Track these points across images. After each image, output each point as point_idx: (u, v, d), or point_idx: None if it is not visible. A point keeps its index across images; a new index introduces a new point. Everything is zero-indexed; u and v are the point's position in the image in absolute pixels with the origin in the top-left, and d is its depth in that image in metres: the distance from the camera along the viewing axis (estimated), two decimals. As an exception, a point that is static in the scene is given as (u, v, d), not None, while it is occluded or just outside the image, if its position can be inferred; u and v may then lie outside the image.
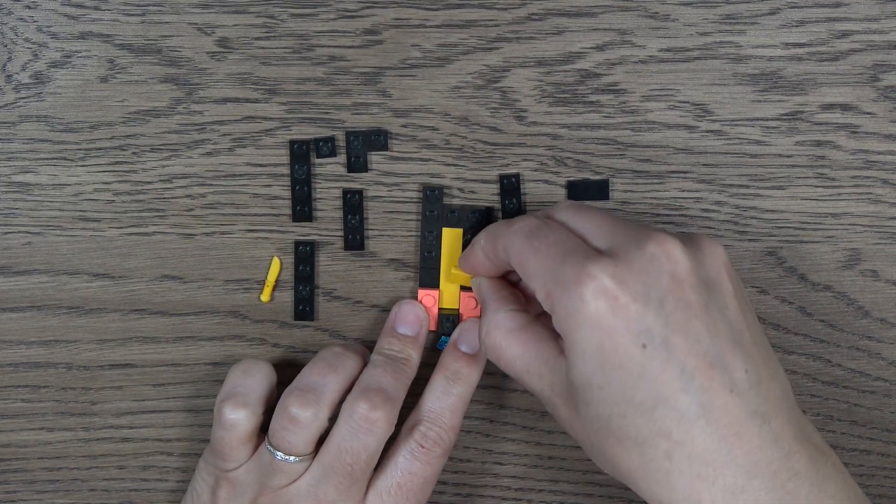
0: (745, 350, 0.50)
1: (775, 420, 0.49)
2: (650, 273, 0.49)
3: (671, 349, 0.49)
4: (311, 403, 0.55)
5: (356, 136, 0.60)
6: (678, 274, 0.50)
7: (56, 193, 0.60)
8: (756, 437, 0.49)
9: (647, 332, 0.49)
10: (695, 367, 0.49)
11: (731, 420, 0.49)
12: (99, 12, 0.60)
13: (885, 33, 0.59)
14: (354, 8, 0.60)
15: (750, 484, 0.48)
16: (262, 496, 0.56)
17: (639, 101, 0.60)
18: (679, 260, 0.50)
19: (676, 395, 0.49)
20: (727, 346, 0.49)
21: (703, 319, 0.49)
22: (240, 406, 0.56)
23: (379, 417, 0.55)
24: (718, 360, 0.49)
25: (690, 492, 0.49)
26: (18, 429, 0.62)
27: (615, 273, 0.49)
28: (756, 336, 0.51)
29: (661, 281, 0.49)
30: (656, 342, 0.49)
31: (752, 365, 0.50)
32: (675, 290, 0.49)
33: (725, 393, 0.49)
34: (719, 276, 0.51)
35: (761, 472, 0.49)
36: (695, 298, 0.49)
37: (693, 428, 0.49)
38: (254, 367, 0.58)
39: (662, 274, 0.49)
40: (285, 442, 0.55)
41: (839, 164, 0.60)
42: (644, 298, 0.49)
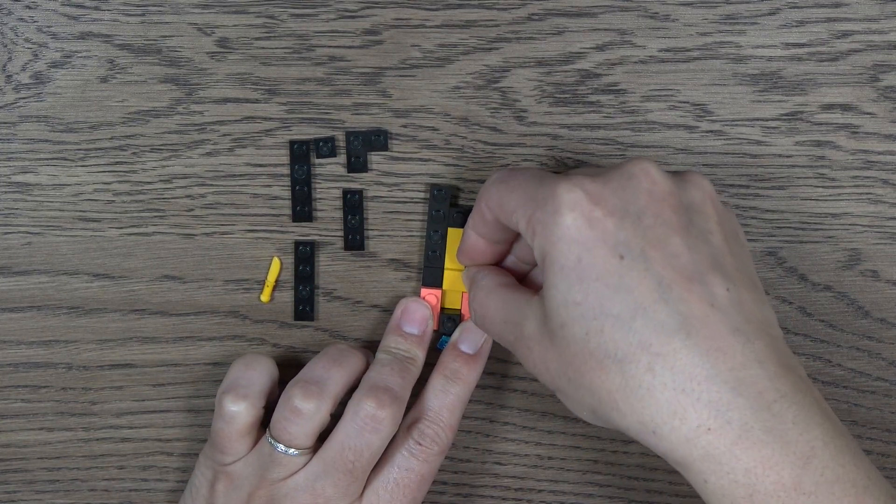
0: (725, 272, 0.49)
1: (758, 341, 0.48)
2: (627, 189, 0.49)
3: (649, 261, 0.48)
4: (315, 396, 0.55)
5: (356, 136, 0.60)
6: (657, 192, 0.49)
7: (56, 193, 0.60)
8: (739, 355, 0.47)
9: (624, 243, 0.48)
10: (672, 279, 0.48)
11: (713, 334, 0.47)
12: (99, 12, 0.60)
13: (885, 33, 0.59)
14: (354, 8, 0.60)
15: (735, 401, 0.47)
16: (259, 489, 0.56)
17: (639, 101, 0.60)
18: (658, 180, 0.50)
19: (654, 305, 0.48)
20: (707, 264, 0.49)
21: (683, 237, 0.49)
22: (240, 398, 0.56)
23: (385, 416, 0.55)
24: (697, 274, 0.48)
25: (675, 407, 0.47)
26: (18, 429, 0.62)
27: (591, 188, 0.49)
28: (741, 264, 0.50)
29: (639, 197, 0.49)
30: (634, 253, 0.48)
31: (734, 286, 0.49)
32: (653, 206, 0.49)
33: (706, 306, 0.48)
34: (703, 204, 0.50)
35: (747, 391, 0.47)
36: (675, 218, 0.49)
37: (674, 339, 0.47)
38: (255, 361, 0.58)
39: (641, 191, 0.49)
40: (286, 433, 0.55)
41: (839, 164, 0.60)
42: (621, 213, 0.49)
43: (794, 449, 0.47)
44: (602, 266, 0.48)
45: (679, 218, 0.49)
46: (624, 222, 0.49)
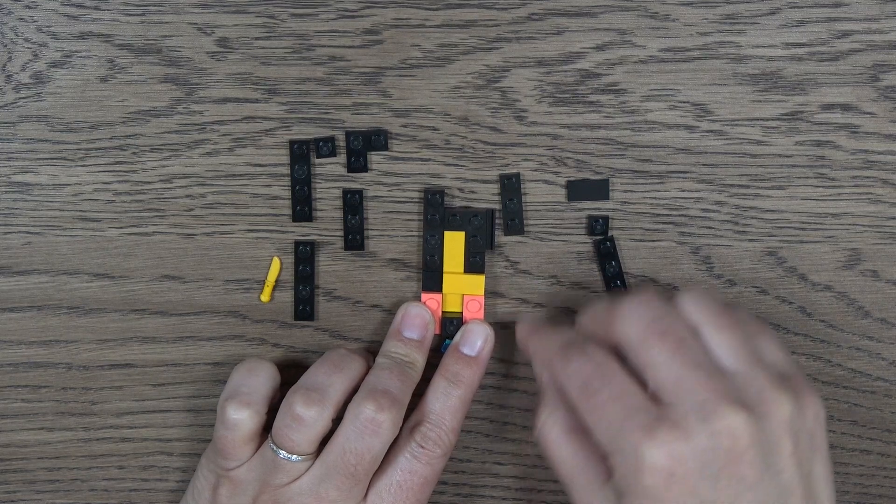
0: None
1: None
2: (708, 451, 0.49)
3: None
4: (316, 402, 0.55)
5: (356, 136, 0.60)
6: (737, 449, 0.49)
7: (56, 193, 0.60)
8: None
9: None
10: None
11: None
12: (99, 12, 0.60)
13: (885, 33, 0.59)
14: (354, 8, 0.60)
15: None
16: (263, 494, 0.56)
17: (639, 101, 0.60)
18: (740, 437, 0.49)
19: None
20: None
21: (755, 491, 0.49)
22: (243, 406, 0.56)
23: (385, 419, 0.55)
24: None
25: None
26: (18, 429, 0.62)
27: (673, 450, 0.49)
28: (810, 483, 0.51)
29: (719, 458, 0.49)
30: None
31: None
32: (730, 465, 0.49)
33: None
34: (779, 440, 0.50)
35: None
36: (749, 471, 0.49)
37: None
38: (258, 367, 0.58)
39: (720, 451, 0.49)
40: (288, 440, 0.55)
41: (839, 164, 0.60)
42: (699, 474, 0.49)
43: None
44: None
45: (754, 471, 0.49)
46: (701, 486, 0.49)
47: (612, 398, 0.51)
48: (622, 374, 0.51)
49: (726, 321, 0.52)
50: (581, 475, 0.53)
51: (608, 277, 0.60)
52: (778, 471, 0.50)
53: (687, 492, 0.49)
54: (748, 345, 0.52)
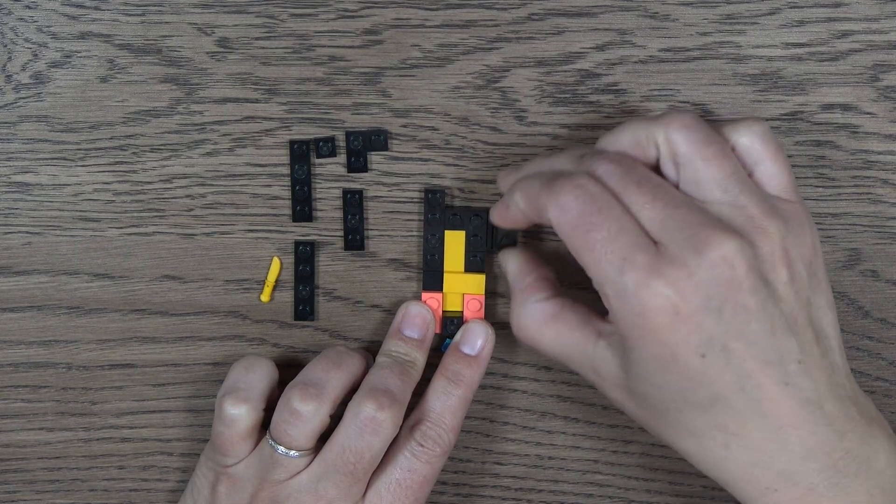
0: (798, 337, 0.50)
1: (828, 403, 0.50)
2: (710, 282, 0.49)
3: (729, 354, 0.49)
4: (314, 397, 0.56)
5: (356, 136, 0.60)
6: (737, 279, 0.49)
7: (56, 193, 0.60)
8: (810, 423, 0.50)
9: (706, 342, 0.49)
10: (751, 369, 0.49)
11: (785, 411, 0.50)
12: (99, 12, 0.60)
13: (885, 33, 0.59)
14: (354, 8, 0.60)
15: (804, 466, 0.50)
16: (262, 491, 0.56)
17: (639, 101, 0.60)
18: (738, 265, 0.49)
19: (734, 394, 0.50)
20: (782, 338, 0.50)
21: (760, 320, 0.49)
22: (240, 401, 0.56)
23: (385, 418, 0.55)
24: (774, 355, 0.50)
25: (746, 476, 0.50)
26: (18, 429, 0.62)
27: (676, 287, 0.49)
28: (811, 313, 0.51)
29: (720, 289, 0.49)
30: (716, 350, 0.49)
31: (805, 351, 0.50)
32: (732, 295, 0.49)
33: (780, 386, 0.50)
34: (774, 267, 0.50)
35: (815, 455, 0.50)
36: (751, 301, 0.49)
37: (749, 422, 0.50)
38: (255, 363, 0.58)
39: (721, 282, 0.49)
40: (286, 435, 0.55)
41: (839, 164, 0.60)
42: (703, 309, 0.49)
43: (853, 498, 0.50)
44: (684, 363, 0.50)
45: (755, 299, 0.49)
46: (706, 320, 0.49)
47: (610, 236, 0.50)
48: (619, 209, 0.50)
49: (713, 152, 0.51)
50: (572, 351, 0.54)
51: (608, 277, 0.60)
52: (778, 298, 0.50)
53: (694, 328, 0.49)
54: (736, 175, 0.51)
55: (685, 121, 0.52)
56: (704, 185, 0.51)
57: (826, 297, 0.52)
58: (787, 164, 0.53)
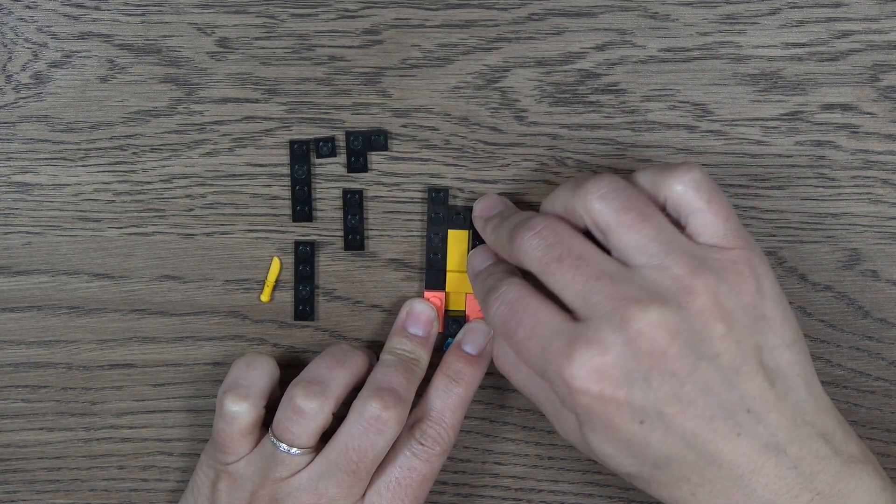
0: (742, 388, 0.50)
1: (792, 445, 0.50)
2: (628, 356, 0.49)
3: (667, 419, 0.49)
4: (317, 395, 0.56)
5: (356, 136, 0.60)
6: (658, 349, 0.49)
7: (56, 193, 0.60)
8: (773, 468, 0.50)
9: (640, 410, 0.49)
10: (694, 429, 0.49)
11: (744, 460, 0.50)
12: (99, 12, 0.60)
13: (885, 33, 0.59)
14: (354, 8, 0.60)
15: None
16: (262, 488, 0.56)
17: (639, 101, 0.60)
18: (658, 336, 0.49)
19: (684, 452, 0.50)
20: (723, 393, 0.49)
21: (694, 381, 0.49)
22: (241, 398, 0.56)
23: (390, 417, 0.55)
24: (719, 410, 0.49)
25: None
26: (18, 429, 0.62)
27: (594, 367, 0.49)
28: (760, 358, 0.50)
29: (642, 361, 0.49)
30: (651, 417, 0.49)
31: (755, 399, 0.50)
32: (657, 365, 0.49)
33: (731, 437, 0.49)
34: (706, 326, 0.50)
35: (782, 499, 0.50)
36: (679, 366, 0.49)
37: (708, 472, 0.50)
38: (257, 361, 0.58)
39: (642, 355, 0.49)
40: (289, 433, 0.55)
41: (839, 164, 0.60)
42: (628, 383, 0.49)
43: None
44: (626, 432, 0.50)
45: (684, 363, 0.49)
46: (633, 392, 0.49)
47: (527, 334, 0.51)
48: (533, 304, 0.52)
49: (633, 217, 0.51)
50: (544, 399, 0.54)
51: (608, 277, 0.60)
52: (713, 355, 0.49)
53: (622, 401, 0.49)
54: (662, 235, 0.50)
55: (602, 189, 0.51)
56: (628, 251, 0.51)
57: (781, 336, 0.51)
58: (722, 210, 0.51)
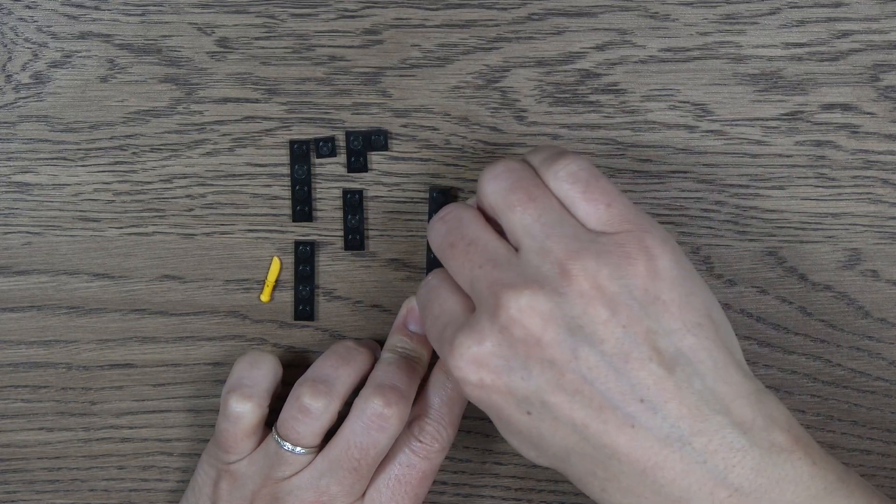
0: (633, 376, 0.47)
1: (698, 437, 0.47)
2: (504, 344, 0.48)
3: (552, 409, 0.48)
4: (323, 394, 0.56)
5: (356, 136, 0.60)
6: (532, 336, 0.48)
7: (56, 193, 0.60)
8: (678, 463, 0.47)
9: (524, 400, 0.49)
10: (583, 419, 0.48)
11: (643, 453, 0.47)
12: (99, 12, 0.60)
13: (885, 33, 0.59)
14: (354, 8, 0.60)
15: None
16: (263, 488, 0.56)
17: (639, 101, 0.60)
18: (528, 322, 0.48)
19: (578, 445, 0.48)
20: (611, 382, 0.47)
21: (574, 369, 0.48)
22: (245, 398, 0.56)
23: (392, 414, 0.55)
24: (606, 400, 0.47)
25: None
26: (18, 429, 0.62)
27: (472, 357, 0.49)
28: (654, 342, 0.48)
29: (517, 349, 0.48)
30: (536, 407, 0.49)
31: (649, 388, 0.47)
32: (533, 352, 0.48)
33: (627, 430, 0.47)
34: (587, 310, 0.48)
35: (694, 496, 0.47)
36: (556, 352, 0.48)
37: (610, 466, 0.48)
38: (260, 360, 0.58)
39: (516, 342, 0.48)
40: (294, 432, 0.55)
41: (839, 164, 0.60)
42: (507, 371, 0.48)
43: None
44: (517, 423, 0.50)
45: (562, 350, 0.47)
46: (513, 380, 0.48)
47: (431, 322, 0.52)
48: (446, 294, 0.52)
49: (521, 198, 0.50)
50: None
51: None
52: (596, 341, 0.47)
53: (504, 391, 0.49)
54: (542, 218, 0.49)
55: (495, 171, 0.51)
56: (516, 233, 0.50)
57: (681, 319, 0.48)
58: (602, 198, 0.49)
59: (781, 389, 0.61)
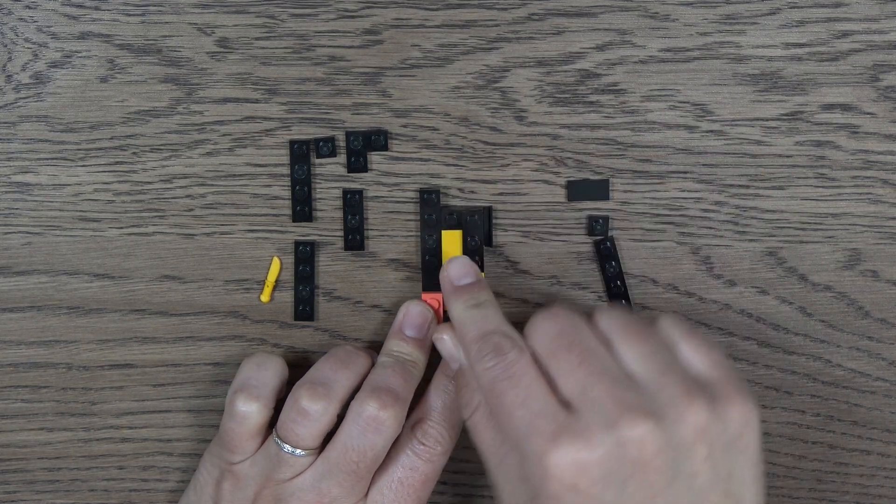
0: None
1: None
2: (614, 458, 0.49)
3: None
4: (322, 397, 0.56)
5: (356, 136, 0.60)
6: (644, 458, 0.49)
7: (56, 193, 0.60)
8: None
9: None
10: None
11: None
12: (99, 12, 0.60)
13: (885, 33, 0.59)
14: (354, 8, 0.60)
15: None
16: (265, 489, 0.56)
17: (639, 101, 0.60)
18: (646, 445, 0.49)
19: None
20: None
21: (665, 496, 0.50)
22: (252, 399, 0.57)
23: (388, 417, 0.55)
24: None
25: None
26: (18, 429, 0.62)
27: (577, 459, 0.49)
28: (729, 487, 0.51)
29: (625, 466, 0.49)
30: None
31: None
32: (638, 473, 0.49)
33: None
34: (692, 446, 0.50)
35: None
36: (659, 479, 0.50)
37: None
38: (267, 361, 0.58)
39: (627, 460, 0.49)
40: (293, 434, 0.55)
41: (839, 164, 0.60)
42: (605, 482, 0.49)
43: None
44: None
45: (663, 477, 0.50)
46: (607, 491, 0.49)
47: (517, 402, 0.51)
48: (531, 377, 0.52)
49: (636, 332, 0.53)
50: (503, 467, 0.53)
51: (608, 277, 0.60)
52: (691, 474, 0.50)
53: (593, 499, 0.49)
54: (660, 354, 0.52)
55: (608, 310, 0.54)
56: (631, 361, 0.52)
57: (753, 471, 0.52)
58: (705, 344, 0.53)
59: (781, 389, 0.61)
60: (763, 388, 0.61)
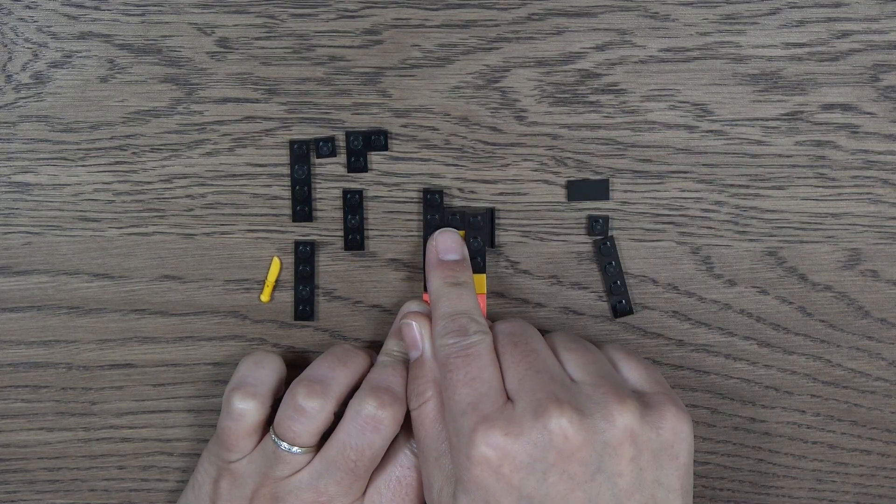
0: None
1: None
2: (539, 446, 0.51)
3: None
4: (319, 394, 0.56)
5: (356, 136, 0.60)
6: (568, 449, 0.51)
7: (56, 193, 0.60)
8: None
9: (525, 498, 0.50)
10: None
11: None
12: (99, 12, 0.60)
13: (885, 33, 0.59)
14: (354, 8, 0.60)
15: None
16: (263, 487, 0.56)
17: (639, 101, 0.60)
18: (571, 437, 0.51)
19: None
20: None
21: (585, 490, 0.51)
22: (249, 396, 0.57)
23: (386, 416, 0.55)
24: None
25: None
26: (18, 429, 0.62)
27: (503, 444, 0.51)
28: (654, 492, 0.52)
29: (548, 455, 0.51)
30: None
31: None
32: (560, 463, 0.51)
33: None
34: (619, 445, 0.51)
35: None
36: (580, 471, 0.51)
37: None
38: (265, 359, 0.58)
39: (551, 449, 0.51)
40: (290, 431, 0.55)
41: (839, 164, 0.60)
42: (527, 469, 0.50)
43: None
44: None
45: (585, 470, 0.51)
46: (529, 479, 0.50)
47: (466, 379, 0.53)
48: (485, 360, 0.54)
49: (582, 346, 0.55)
50: (440, 460, 0.54)
51: (608, 277, 0.60)
52: (615, 473, 0.51)
53: (512, 485, 0.51)
54: (600, 364, 0.54)
55: (564, 333, 0.57)
56: (571, 368, 0.54)
57: (681, 482, 0.53)
58: (646, 363, 0.56)
59: (781, 389, 0.61)
60: (763, 388, 0.61)
